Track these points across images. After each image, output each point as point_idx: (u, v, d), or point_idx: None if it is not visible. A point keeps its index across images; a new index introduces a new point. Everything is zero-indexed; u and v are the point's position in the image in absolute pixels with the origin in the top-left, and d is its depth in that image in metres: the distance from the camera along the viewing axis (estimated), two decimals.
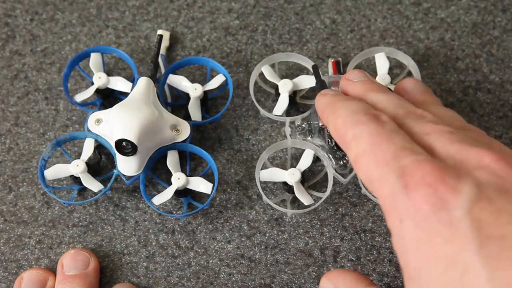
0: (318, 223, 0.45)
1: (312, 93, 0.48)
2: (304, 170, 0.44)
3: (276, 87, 0.47)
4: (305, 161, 0.45)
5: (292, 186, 0.44)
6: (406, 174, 0.29)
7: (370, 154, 0.32)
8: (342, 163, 0.44)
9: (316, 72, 0.44)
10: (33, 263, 0.45)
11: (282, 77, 0.48)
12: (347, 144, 0.34)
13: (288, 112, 0.48)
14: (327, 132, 0.43)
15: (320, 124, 0.44)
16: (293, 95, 0.47)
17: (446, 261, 0.27)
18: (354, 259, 0.44)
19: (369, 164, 0.32)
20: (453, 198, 0.27)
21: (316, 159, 0.46)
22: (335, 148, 0.43)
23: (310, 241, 0.45)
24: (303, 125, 0.45)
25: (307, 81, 0.47)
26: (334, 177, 0.44)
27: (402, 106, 0.35)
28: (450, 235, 0.27)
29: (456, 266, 0.26)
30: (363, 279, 0.34)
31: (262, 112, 0.47)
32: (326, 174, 0.45)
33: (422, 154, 0.30)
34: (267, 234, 0.45)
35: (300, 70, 0.49)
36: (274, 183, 0.46)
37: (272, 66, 0.48)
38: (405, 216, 0.29)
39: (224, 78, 0.47)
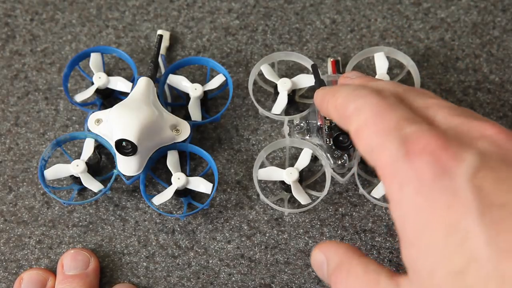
0: (318, 223, 0.45)
1: (311, 92, 0.48)
2: (302, 170, 0.44)
3: (275, 86, 0.47)
4: (303, 160, 0.45)
5: (290, 185, 0.44)
6: (408, 142, 0.29)
7: (371, 124, 0.32)
8: (340, 162, 0.44)
9: (315, 71, 0.44)
10: (33, 263, 0.45)
11: (282, 76, 0.48)
12: (347, 119, 0.34)
13: (287, 111, 0.48)
14: (326, 131, 0.43)
15: (319, 123, 0.44)
16: (292, 94, 0.47)
17: (447, 227, 0.27)
18: None
19: (370, 134, 0.31)
20: (455, 165, 0.27)
21: (314, 159, 0.46)
22: (333, 147, 0.43)
23: (310, 241, 0.45)
24: (302, 124, 0.45)
25: (306, 80, 0.47)
26: (332, 176, 0.44)
27: (402, 86, 0.36)
28: (452, 201, 0.27)
29: (457, 232, 0.26)
30: (356, 251, 0.34)
31: (261, 110, 0.47)
32: (324, 173, 0.45)
33: (425, 125, 0.30)
34: (267, 234, 0.45)
35: (300, 70, 0.49)
36: (274, 182, 0.46)
37: (272, 66, 0.48)
38: (406, 182, 0.29)
39: (224, 78, 0.47)
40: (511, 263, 0.25)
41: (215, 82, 0.47)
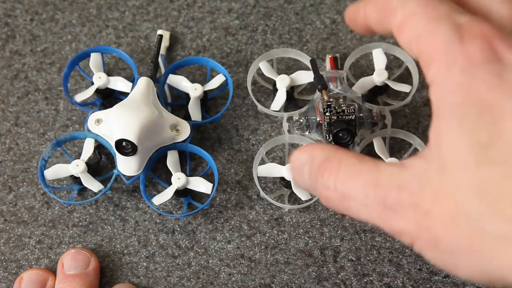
0: (318, 223, 0.45)
1: (310, 88, 0.48)
2: None
3: (274, 83, 0.47)
4: None
5: (290, 181, 0.44)
6: (462, 28, 0.28)
7: (420, 13, 0.30)
8: None
9: (314, 66, 0.44)
10: (33, 263, 0.45)
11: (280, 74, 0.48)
12: (391, 12, 0.31)
13: (286, 108, 0.48)
14: (325, 127, 0.43)
15: (318, 119, 0.44)
16: (290, 91, 0.47)
17: (484, 105, 0.26)
18: (354, 259, 0.44)
19: (419, 21, 0.30)
20: (508, 54, 0.27)
21: None
22: (333, 143, 0.43)
23: (310, 241, 0.45)
24: (301, 120, 0.46)
25: (304, 76, 0.47)
26: None
27: None
28: (496, 83, 0.27)
29: (492, 111, 0.26)
30: (339, 147, 0.32)
31: (260, 107, 0.47)
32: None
33: (479, 16, 0.30)
34: (267, 234, 0.45)
35: (299, 68, 0.49)
36: (274, 181, 0.46)
37: (271, 63, 0.48)
38: (453, 63, 0.28)
39: (224, 78, 0.47)
40: None
41: (215, 82, 0.47)
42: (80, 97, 0.47)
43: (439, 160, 0.27)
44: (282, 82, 0.46)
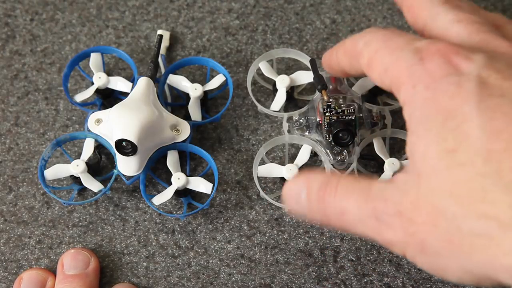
0: (318, 223, 0.45)
1: (310, 88, 0.48)
2: (302, 166, 0.45)
3: (273, 83, 0.47)
4: (303, 157, 0.45)
5: None
6: (421, 51, 0.31)
7: (382, 48, 0.33)
8: (339, 158, 0.44)
9: (313, 66, 0.44)
10: (33, 263, 0.45)
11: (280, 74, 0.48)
12: (359, 55, 0.35)
13: (286, 108, 0.48)
14: (325, 127, 0.43)
15: (318, 119, 0.44)
16: (290, 91, 0.47)
17: (447, 113, 0.29)
18: (354, 259, 0.44)
19: (383, 56, 0.33)
20: (465, 64, 0.30)
21: (314, 154, 0.46)
22: (333, 143, 0.43)
23: (310, 241, 0.45)
24: (301, 120, 0.46)
25: (304, 77, 0.47)
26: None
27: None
28: (456, 92, 0.29)
29: (455, 117, 0.28)
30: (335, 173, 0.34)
31: (260, 107, 0.47)
32: (324, 169, 0.45)
33: (435, 39, 0.32)
34: (267, 234, 0.45)
35: (300, 68, 0.49)
36: (274, 182, 0.46)
37: (271, 63, 0.48)
38: (418, 82, 0.30)
39: (224, 78, 0.47)
40: (497, 141, 0.27)
41: (215, 82, 0.47)
42: (80, 97, 0.47)
43: (415, 170, 0.30)
44: (282, 82, 0.46)
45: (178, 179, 0.44)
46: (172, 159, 0.45)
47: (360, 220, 0.31)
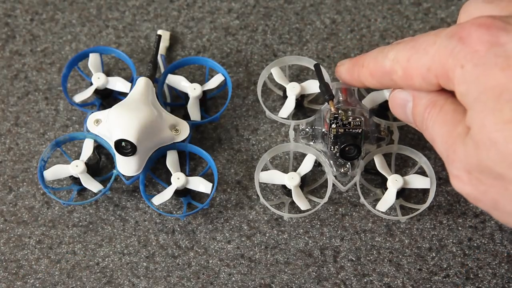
0: (318, 223, 0.45)
1: (320, 98, 0.48)
2: (305, 175, 0.44)
3: (284, 90, 0.47)
4: (306, 166, 0.44)
5: (291, 189, 0.44)
6: (456, 32, 0.32)
7: (414, 54, 0.34)
8: (342, 170, 0.44)
9: (318, 71, 0.44)
10: (33, 263, 0.45)
11: (290, 78, 0.47)
12: (390, 73, 0.36)
13: (295, 116, 0.48)
14: (331, 139, 0.42)
15: (324, 130, 0.43)
16: (300, 99, 0.47)
17: (501, 86, 0.30)
18: (354, 259, 0.44)
19: (418, 60, 0.34)
20: (504, 34, 0.30)
21: (318, 164, 0.45)
22: (337, 155, 0.43)
23: (310, 241, 0.45)
24: (307, 130, 0.45)
25: (315, 86, 0.46)
26: (333, 184, 0.44)
27: None
28: (505, 64, 0.30)
29: (509, 89, 0.29)
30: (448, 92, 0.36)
31: (268, 113, 0.46)
32: (326, 180, 0.45)
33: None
34: (267, 234, 0.45)
35: (309, 75, 0.49)
36: (275, 185, 0.46)
37: (283, 70, 0.48)
38: (465, 61, 0.31)
39: (223, 78, 0.47)
40: None
41: (214, 81, 0.47)
42: (79, 98, 0.47)
43: (473, 140, 0.31)
44: (293, 90, 0.46)
45: (178, 179, 0.44)
46: (171, 159, 0.45)
47: (442, 155, 0.34)
